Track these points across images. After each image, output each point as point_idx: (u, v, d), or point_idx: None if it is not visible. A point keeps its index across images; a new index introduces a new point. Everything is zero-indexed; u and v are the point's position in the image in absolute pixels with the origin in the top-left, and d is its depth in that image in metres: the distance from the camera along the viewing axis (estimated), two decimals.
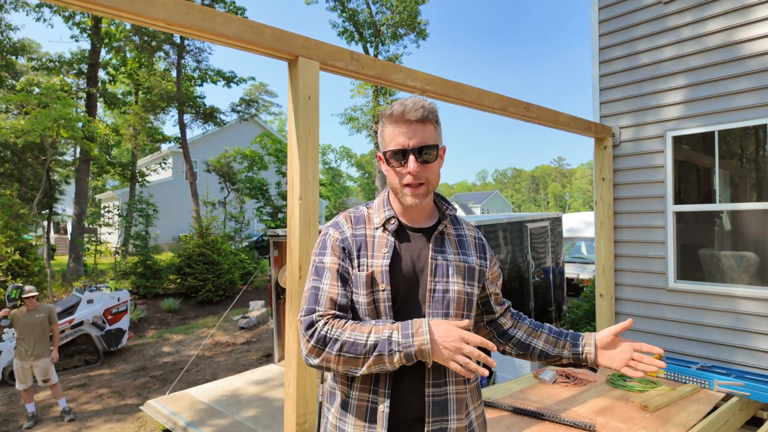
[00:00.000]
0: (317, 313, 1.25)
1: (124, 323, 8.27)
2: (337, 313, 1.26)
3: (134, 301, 11.20)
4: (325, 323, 1.22)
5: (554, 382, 3.48)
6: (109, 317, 8.06)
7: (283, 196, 16.04)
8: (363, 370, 1.19)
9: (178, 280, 12.30)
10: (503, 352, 1.54)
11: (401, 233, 1.36)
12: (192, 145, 21.30)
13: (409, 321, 1.20)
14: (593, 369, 1.45)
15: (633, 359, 1.38)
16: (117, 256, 14.19)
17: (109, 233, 17.13)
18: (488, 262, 1.46)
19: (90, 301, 7.89)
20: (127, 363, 8.09)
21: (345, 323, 1.22)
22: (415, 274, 1.30)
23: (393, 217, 1.35)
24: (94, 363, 7.96)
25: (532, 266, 7.01)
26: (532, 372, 3.74)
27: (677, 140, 4.09)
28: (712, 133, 3.91)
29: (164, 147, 23.79)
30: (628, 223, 4.39)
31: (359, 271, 1.29)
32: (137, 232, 13.19)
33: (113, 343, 8.14)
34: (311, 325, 1.23)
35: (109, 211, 15.02)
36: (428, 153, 1.26)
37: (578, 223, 10.85)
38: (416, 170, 1.25)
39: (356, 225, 1.36)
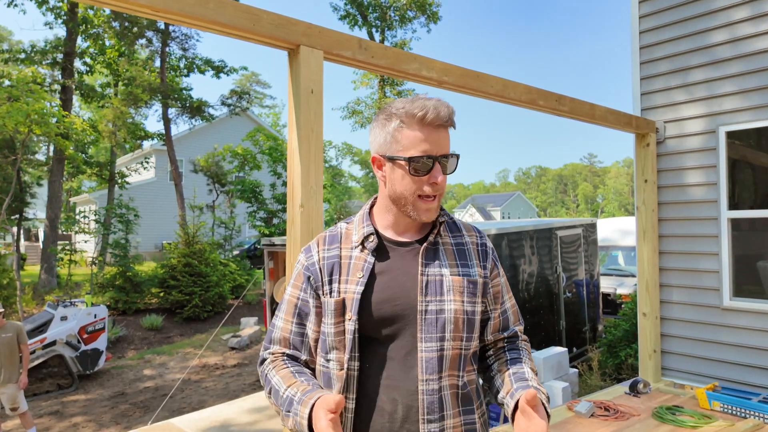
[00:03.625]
0: (269, 351, 1.38)
1: (101, 343, 8.27)
2: (288, 352, 1.35)
3: (113, 318, 11.23)
4: (271, 361, 1.34)
5: (592, 415, 3.41)
6: (85, 336, 8.07)
7: (278, 200, 16.07)
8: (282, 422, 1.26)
9: (162, 294, 12.31)
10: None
11: (384, 251, 1.33)
12: (177, 142, 21.42)
13: (315, 388, 1.20)
14: None
15: None
16: (93, 266, 14.26)
17: (85, 241, 17.26)
18: (489, 272, 1.39)
19: (63, 318, 7.91)
20: (105, 388, 8.09)
21: (285, 365, 1.31)
22: (403, 297, 1.28)
23: (372, 233, 1.33)
24: (67, 388, 7.96)
25: (562, 280, 6.93)
26: (566, 404, 3.68)
27: (732, 136, 4.02)
28: None
29: (146, 145, 23.95)
30: (676, 231, 4.31)
31: (330, 297, 1.30)
32: (116, 240, 13.25)
33: (89, 365, 8.15)
34: (262, 361, 1.38)
35: (85, 216, 15.17)
36: (453, 163, 1.29)
37: (615, 230, 10.74)
38: (443, 181, 1.26)
39: (330, 246, 1.38)
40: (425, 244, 1.32)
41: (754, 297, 3.92)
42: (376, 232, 1.35)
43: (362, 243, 1.33)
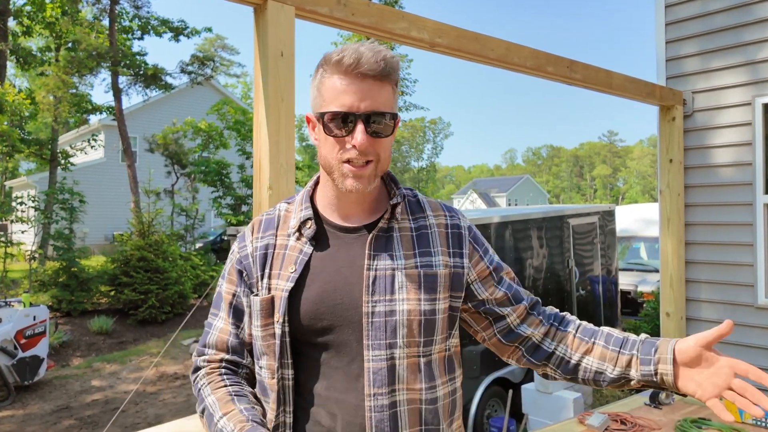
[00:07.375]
0: (204, 357, 1.34)
1: (41, 349, 8.23)
2: (227, 357, 1.33)
3: (55, 320, 11.16)
4: (207, 374, 1.32)
5: (606, 429, 3.44)
6: (23, 341, 8.02)
7: (248, 183, 16.01)
8: None
9: (112, 293, 12.28)
10: (545, 376, 1.42)
11: (324, 238, 1.28)
12: (129, 116, 21.18)
13: (254, 423, 1.16)
14: (680, 393, 1.24)
15: (731, 388, 1.14)
16: (33, 261, 14.13)
17: (23, 231, 17.05)
18: (467, 259, 1.32)
19: None
20: (46, 401, 8.07)
21: (222, 381, 1.29)
22: (347, 295, 1.23)
23: (310, 218, 1.29)
24: (2, 401, 7.92)
25: (575, 275, 6.97)
26: (577, 416, 3.70)
27: None
28: None
29: (93, 119, 23.68)
30: (704, 218, 4.34)
31: (257, 295, 1.28)
32: (59, 231, 13.15)
33: (28, 374, 8.11)
34: (196, 369, 1.35)
35: (22, 203, 14.95)
36: (382, 123, 1.18)
37: (636, 219, 10.82)
38: (364, 143, 1.16)
39: (264, 232, 1.34)
40: (374, 231, 1.25)
41: None
42: (317, 216, 1.30)
43: (299, 229, 1.29)
